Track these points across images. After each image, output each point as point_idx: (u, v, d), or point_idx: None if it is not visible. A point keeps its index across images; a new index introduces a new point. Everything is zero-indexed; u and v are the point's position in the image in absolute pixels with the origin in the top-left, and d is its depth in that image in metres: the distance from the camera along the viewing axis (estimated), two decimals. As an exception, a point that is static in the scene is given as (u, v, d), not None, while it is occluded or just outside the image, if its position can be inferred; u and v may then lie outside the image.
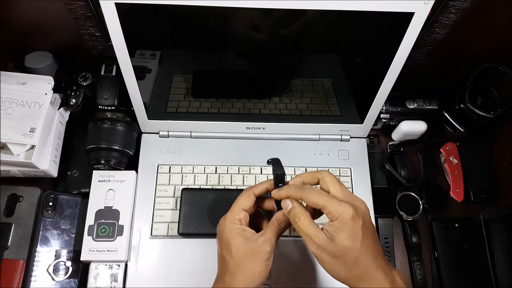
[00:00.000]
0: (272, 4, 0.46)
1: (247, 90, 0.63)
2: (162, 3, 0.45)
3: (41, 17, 0.58)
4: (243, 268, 0.46)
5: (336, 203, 0.44)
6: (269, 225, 0.48)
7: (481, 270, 0.64)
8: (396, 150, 0.72)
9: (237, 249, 0.47)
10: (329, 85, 0.61)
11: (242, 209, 0.49)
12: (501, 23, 0.58)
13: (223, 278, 0.47)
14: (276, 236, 0.48)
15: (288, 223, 0.49)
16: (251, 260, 0.46)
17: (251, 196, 0.50)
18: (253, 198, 0.50)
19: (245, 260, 0.46)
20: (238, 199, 0.50)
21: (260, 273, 0.46)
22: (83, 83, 0.64)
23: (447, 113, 0.69)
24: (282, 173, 0.50)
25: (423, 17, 0.48)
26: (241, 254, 0.46)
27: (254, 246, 0.46)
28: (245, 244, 0.47)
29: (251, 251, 0.46)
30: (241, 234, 0.47)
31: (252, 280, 0.46)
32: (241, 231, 0.48)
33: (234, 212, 0.49)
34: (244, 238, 0.47)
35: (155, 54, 0.55)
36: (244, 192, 0.50)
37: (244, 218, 0.49)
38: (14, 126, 0.59)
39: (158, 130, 0.68)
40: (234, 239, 0.47)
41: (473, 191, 0.69)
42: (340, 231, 0.43)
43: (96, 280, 0.59)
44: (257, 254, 0.46)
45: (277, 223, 0.48)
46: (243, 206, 0.49)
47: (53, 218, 0.61)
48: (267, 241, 0.47)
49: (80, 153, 0.67)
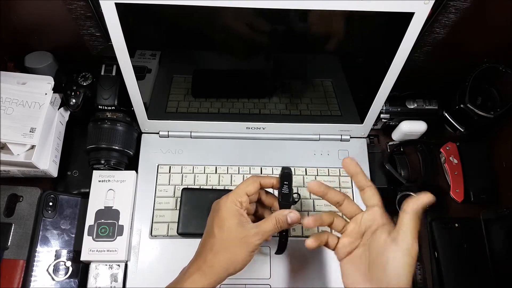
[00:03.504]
0: (272, 4, 0.46)
1: (247, 90, 0.63)
2: (162, 3, 0.45)
3: (41, 17, 0.58)
4: (228, 251, 0.46)
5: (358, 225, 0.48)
6: (267, 220, 0.48)
7: (481, 270, 0.64)
8: (396, 150, 0.72)
9: (229, 230, 0.47)
10: (329, 85, 0.61)
11: (246, 193, 0.49)
12: (501, 23, 0.58)
13: (205, 256, 0.47)
14: (270, 233, 0.48)
15: (285, 228, 0.49)
16: (238, 246, 0.46)
17: (256, 183, 0.50)
18: (258, 186, 0.50)
19: (233, 244, 0.46)
20: (243, 182, 0.50)
21: (242, 261, 0.46)
22: (83, 83, 0.64)
23: (447, 113, 0.69)
24: (288, 171, 0.50)
25: (423, 17, 0.48)
26: (231, 237, 0.47)
27: (245, 234, 0.47)
28: (238, 228, 0.47)
29: (241, 238, 0.46)
30: (238, 218, 0.48)
31: (233, 265, 0.46)
32: (239, 214, 0.48)
33: (238, 193, 0.49)
34: (240, 222, 0.47)
35: (155, 54, 0.55)
36: (250, 178, 0.51)
37: (245, 202, 0.49)
38: (14, 126, 0.59)
39: (158, 130, 0.68)
40: (229, 220, 0.47)
41: (473, 191, 0.69)
42: None
43: (96, 280, 0.59)
44: (246, 242, 0.46)
45: (275, 221, 0.48)
46: (246, 191, 0.49)
47: (53, 218, 0.61)
48: (259, 234, 0.47)
49: (80, 153, 0.67)
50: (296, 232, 0.63)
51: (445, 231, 0.66)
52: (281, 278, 0.60)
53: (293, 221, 0.48)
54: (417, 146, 0.73)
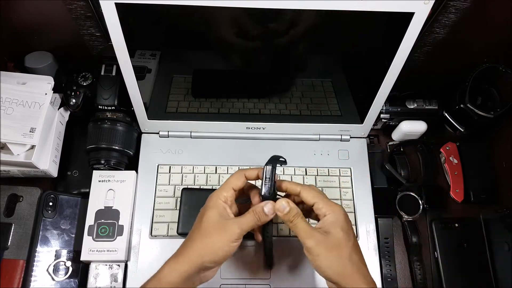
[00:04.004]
0: (272, 4, 0.46)
1: (247, 90, 0.63)
2: (162, 3, 0.45)
3: (41, 17, 0.58)
4: (204, 237, 0.47)
5: (329, 201, 0.50)
6: (247, 213, 0.49)
7: (481, 270, 0.64)
8: (396, 150, 0.72)
9: (208, 220, 0.48)
10: (329, 85, 0.61)
11: (232, 188, 0.51)
12: (501, 23, 0.58)
13: (185, 243, 0.48)
14: (250, 226, 0.48)
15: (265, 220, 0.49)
16: (215, 233, 0.47)
17: (241, 177, 0.51)
18: (243, 180, 0.52)
19: (210, 232, 0.47)
20: (229, 178, 0.52)
21: (219, 249, 0.47)
22: (83, 83, 0.64)
23: (447, 113, 0.69)
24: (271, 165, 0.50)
25: (423, 17, 0.48)
26: (209, 226, 0.48)
27: (223, 223, 0.48)
28: (217, 218, 0.48)
29: (219, 227, 0.47)
30: (219, 210, 0.49)
31: (208, 252, 0.46)
32: (221, 207, 0.49)
33: (223, 189, 0.51)
34: (220, 214, 0.48)
35: (155, 54, 0.55)
36: (236, 173, 0.52)
37: (231, 197, 0.51)
38: (14, 126, 0.59)
39: (158, 130, 0.68)
40: (210, 211, 0.49)
41: (473, 191, 0.69)
42: (334, 224, 0.47)
43: (96, 280, 0.59)
44: (224, 231, 0.47)
45: (252, 213, 0.49)
46: (232, 185, 0.51)
47: (53, 218, 0.61)
48: (237, 223, 0.48)
49: (80, 153, 0.67)
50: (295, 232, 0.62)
51: (445, 231, 0.66)
52: (281, 278, 0.60)
53: (270, 211, 0.49)
54: (417, 146, 0.73)
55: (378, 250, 0.63)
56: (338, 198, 0.66)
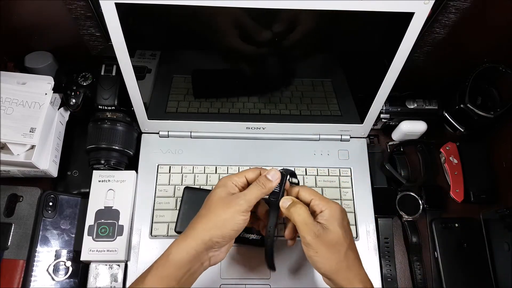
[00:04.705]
0: (272, 4, 0.46)
1: (247, 90, 0.63)
2: (162, 3, 0.45)
3: (41, 17, 0.58)
4: (210, 212, 0.48)
5: (325, 198, 0.51)
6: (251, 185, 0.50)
7: (481, 270, 0.64)
8: (396, 150, 0.72)
9: (215, 196, 0.49)
10: (329, 85, 0.61)
11: (244, 175, 0.52)
12: (501, 23, 0.58)
13: (192, 222, 0.49)
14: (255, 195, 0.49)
15: (270, 187, 0.50)
16: (221, 207, 0.48)
17: (257, 171, 0.52)
18: (258, 174, 0.52)
19: (216, 207, 0.48)
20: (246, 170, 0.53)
21: (225, 221, 0.47)
22: (83, 83, 0.64)
23: (447, 113, 0.69)
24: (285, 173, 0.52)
25: (423, 17, 0.48)
26: (215, 201, 0.49)
27: (230, 198, 0.49)
28: (224, 195, 0.49)
29: (225, 202, 0.48)
30: (227, 188, 0.50)
31: (215, 226, 0.47)
32: (230, 186, 0.50)
33: (237, 175, 0.52)
34: (227, 192, 0.50)
35: (155, 54, 0.55)
36: (253, 167, 0.53)
37: (242, 183, 0.51)
38: (14, 126, 0.59)
39: (158, 130, 0.68)
40: (218, 189, 0.50)
41: (473, 191, 0.69)
42: (332, 220, 0.48)
43: (96, 280, 0.59)
44: (229, 204, 0.48)
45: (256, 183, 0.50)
46: (246, 174, 0.52)
47: (53, 218, 0.61)
48: (242, 194, 0.49)
49: (80, 153, 0.67)
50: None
51: (445, 231, 0.66)
52: (281, 278, 0.60)
53: (274, 177, 0.50)
54: (417, 146, 0.73)
55: (378, 250, 0.63)
56: (338, 198, 0.66)
